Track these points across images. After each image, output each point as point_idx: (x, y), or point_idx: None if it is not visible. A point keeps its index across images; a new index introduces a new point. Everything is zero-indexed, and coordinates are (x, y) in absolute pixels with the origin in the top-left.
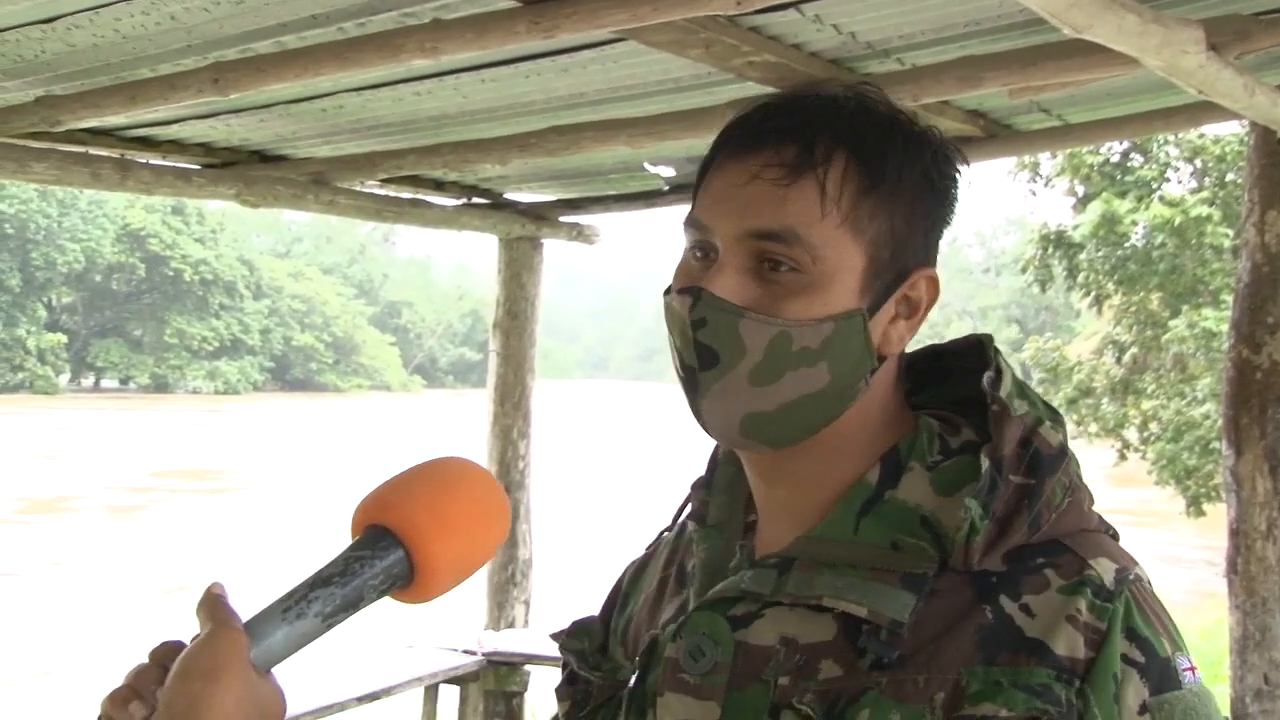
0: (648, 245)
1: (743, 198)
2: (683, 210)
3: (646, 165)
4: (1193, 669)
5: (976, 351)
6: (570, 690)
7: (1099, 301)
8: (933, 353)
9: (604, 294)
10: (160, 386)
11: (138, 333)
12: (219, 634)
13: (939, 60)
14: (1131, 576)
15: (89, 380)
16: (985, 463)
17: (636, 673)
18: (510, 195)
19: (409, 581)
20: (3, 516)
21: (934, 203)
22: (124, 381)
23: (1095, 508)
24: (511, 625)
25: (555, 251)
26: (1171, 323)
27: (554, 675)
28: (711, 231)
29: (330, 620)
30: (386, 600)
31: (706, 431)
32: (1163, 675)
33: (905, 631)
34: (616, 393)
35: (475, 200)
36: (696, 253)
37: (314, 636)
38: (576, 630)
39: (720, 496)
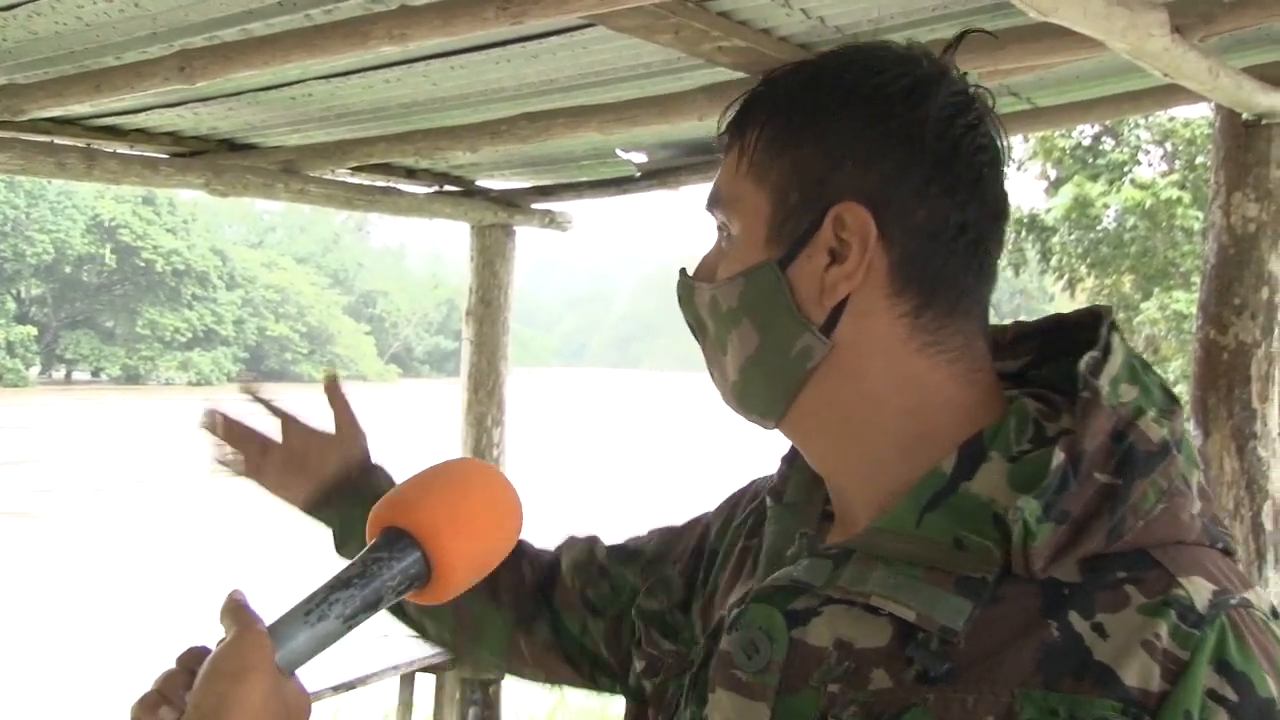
0: (624, 233)
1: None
2: (656, 196)
3: (619, 152)
4: None
5: (1095, 325)
6: (644, 653)
7: (1072, 284)
8: (1056, 323)
9: (581, 282)
10: (132, 378)
11: (109, 324)
12: (244, 636)
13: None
14: (1235, 601)
15: (60, 373)
16: (1059, 456)
17: (702, 656)
18: (482, 182)
19: (426, 581)
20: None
21: (866, 132)
22: (95, 373)
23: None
24: None
25: (531, 240)
26: (1143, 305)
27: None
28: None
29: (351, 622)
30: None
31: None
32: (1262, 717)
33: (960, 640)
34: (594, 380)
35: (447, 188)
36: None
37: (335, 638)
38: (654, 586)
39: (802, 474)
